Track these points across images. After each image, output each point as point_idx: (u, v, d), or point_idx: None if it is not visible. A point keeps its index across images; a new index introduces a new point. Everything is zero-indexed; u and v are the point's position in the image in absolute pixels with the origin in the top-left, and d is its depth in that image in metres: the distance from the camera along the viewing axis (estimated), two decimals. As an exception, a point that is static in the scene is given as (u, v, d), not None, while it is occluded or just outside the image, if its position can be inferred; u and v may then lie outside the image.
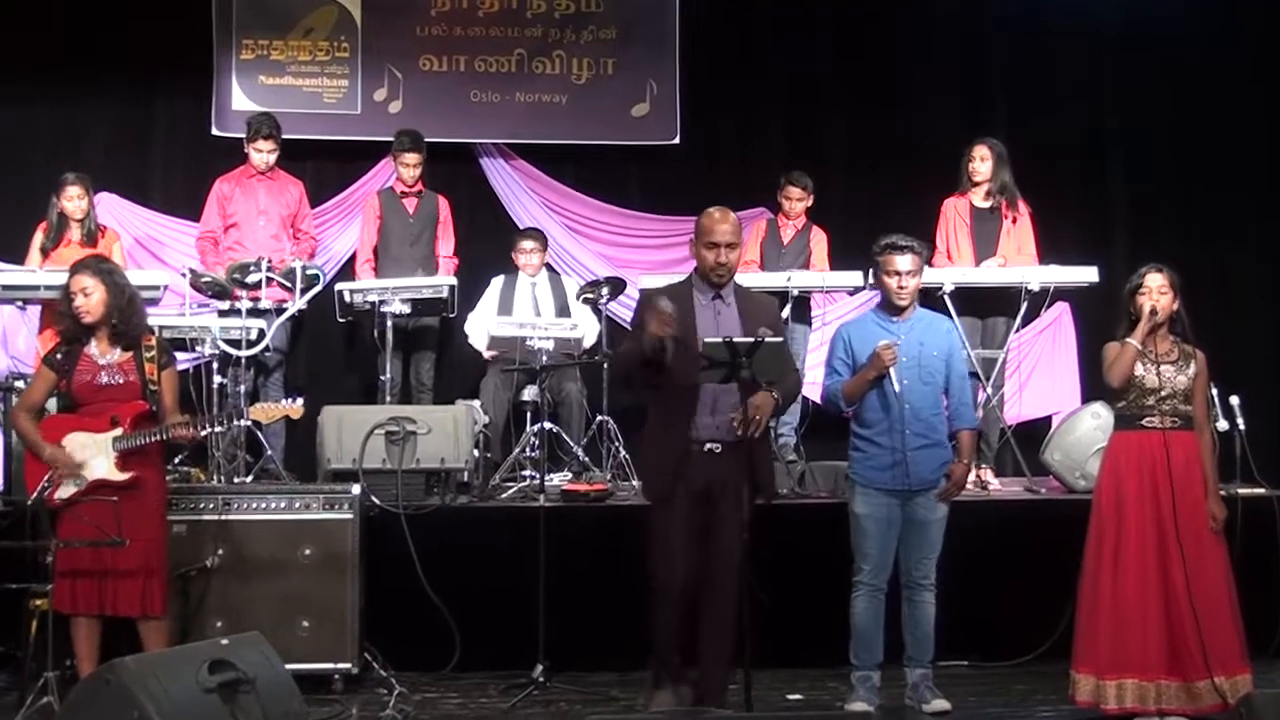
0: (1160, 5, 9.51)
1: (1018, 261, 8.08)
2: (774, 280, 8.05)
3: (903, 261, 5.93)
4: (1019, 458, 8.10)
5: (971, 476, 7.59)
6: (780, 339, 5.46)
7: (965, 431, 6.07)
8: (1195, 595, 5.67)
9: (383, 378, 7.82)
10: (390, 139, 8.63)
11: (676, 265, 8.70)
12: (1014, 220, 8.17)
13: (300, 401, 6.08)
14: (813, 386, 7.40)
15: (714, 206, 5.57)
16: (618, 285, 8.39)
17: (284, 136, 8.39)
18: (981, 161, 8.17)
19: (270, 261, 7.77)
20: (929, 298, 7.90)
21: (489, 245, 9.10)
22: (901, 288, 5.94)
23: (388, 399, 7.79)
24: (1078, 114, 9.60)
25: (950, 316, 7.63)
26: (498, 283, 8.68)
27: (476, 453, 7.37)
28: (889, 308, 6.02)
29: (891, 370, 5.83)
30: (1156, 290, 5.91)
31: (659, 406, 5.54)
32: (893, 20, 9.61)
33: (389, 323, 7.77)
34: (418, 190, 8.56)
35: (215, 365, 7.42)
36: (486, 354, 8.43)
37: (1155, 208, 9.58)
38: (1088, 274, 7.97)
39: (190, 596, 6.37)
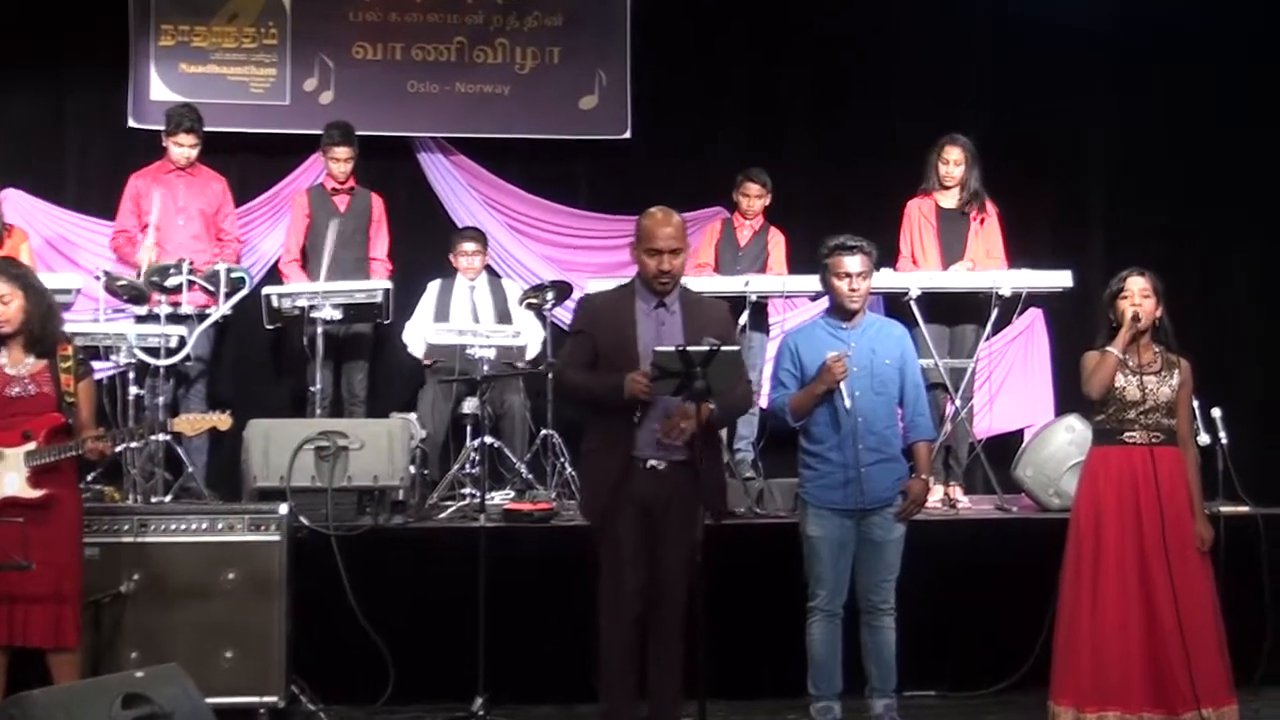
0: (1150, 3, 9.59)
1: (987, 265, 8.12)
2: (730, 285, 8.07)
3: (852, 263, 5.92)
4: (989, 474, 8.08)
5: (939, 494, 7.71)
6: (736, 348, 5.45)
7: (922, 444, 6.06)
8: (1183, 621, 5.68)
9: (313, 389, 7.78)
10: (320, 132, 8.59)
11: (626, 268, 8.48)
12: (982, 222, 8.22)
13: (228, 412, 6.02)
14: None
15: (655, 207, 5.49)
16: (563, 290, 8.36)
17: (206, 129, 8.32)
18: (955, 165, 8.21)
19: (192, 263, 7.70)
20: (894, 304, 7.95)
21: (426, 246, 9.08)
22: (853, 290, 5.93)
23: (318, 411, 7.76)
24: (1053, 110, 9.65)
25: (916, 323, 7.76)
26: (435, 287, 8.65)
27: (413, 469, 7.33)
28: (839, 313, 6.02)
29: (842, 385, 5.82)
30: (1139, 294, 5.91)
31: (601, 420, 5.49)
32: (862, 10, 9.64)
33: (319, 330, 7.72)
34: (349, 187, 8.54)
35: (132, 375, 7.34)
36: (425, 362, 8.39)
37: (1134, 208, 9.65)
38: (1061, 278, 8.00)
39: (103, 625, 6.26)
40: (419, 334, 8.44)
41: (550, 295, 8.26)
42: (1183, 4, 9.53)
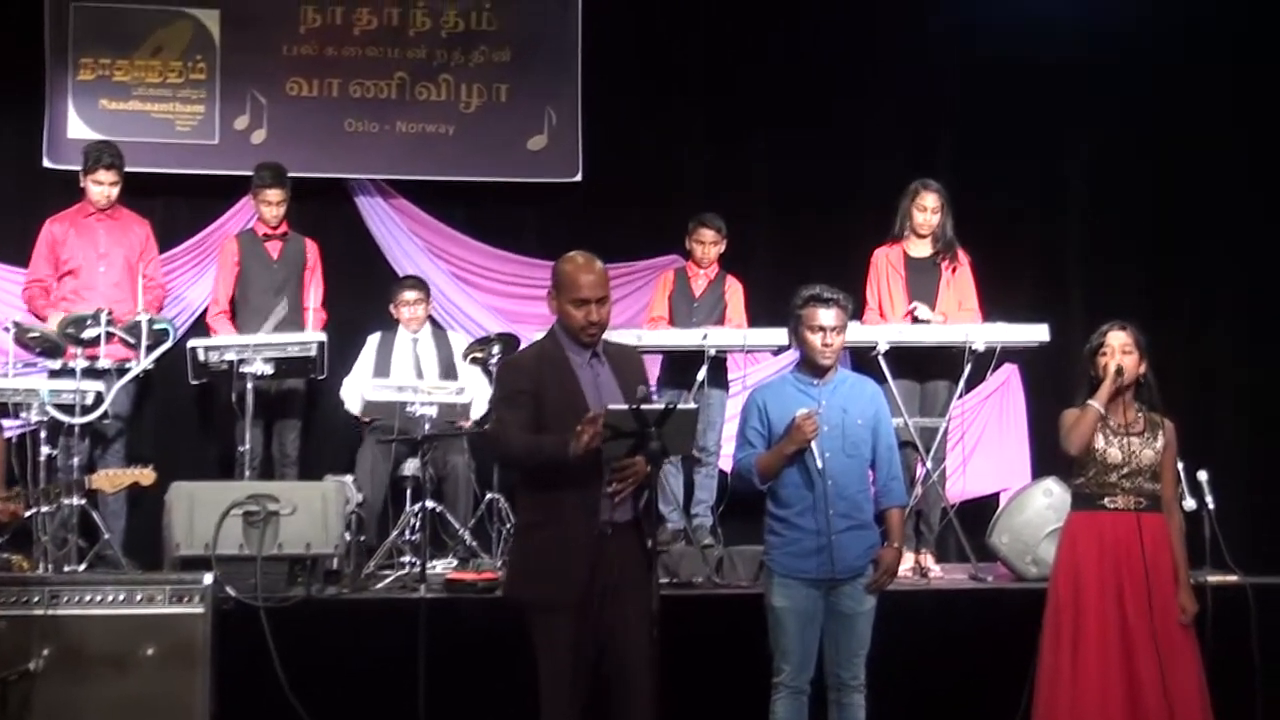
0: (1127, 37, 9.70)
1: (959, 318, 8.16)
2: (686, 338, 8.09)
3: (827, 316, 5.90)
4: (963, 541, 8.13)
5: (910, 562, 7.71)
6: (693, 406, 5.48)
7: (895, 510, 6.03)
8: (1168, 697, 5.70)
9: (241, 449, 7.77)
10: (251, 173, 8.58)
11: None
12: (954, 271, 8.27)
13: (150, 467, 5.97)
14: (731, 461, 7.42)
15: (575, 252, 5.35)
16: (510, 343, 8.32)
17: (129, 169, 8.30)
18: (932, 213, 8.24)
19: (111, 314, 7.67)
20: (862, 359, 7.98)
21: (365, 297, 9.07)
22: (826, 345, 5.90)
23: (247, 473, 7.74)
24: (1027, 154, 9.74)
25: (885, 379, 7.76)
26: (374, 340, 8.65)
27: (348, 536, 7.31)
28: (810, 368, 5.99)
29: (812, 444, 5.79)
30: (1120, 349, 5.96)
31: (544, 491, 5.30)
32: (829, 46, 9.75)
33: (249, 385, 7.69)
34: (282, 233, 8.53)
35: (44, 434, 7.33)
36: (363, 420, 8.39)
37: (1114, 257, 9.72)
38: (1038, 332, 8.04)
39: (10, 705, 6.15)
40: (357, 390, 8.44)
41: (496, 348, 8.23)
42: (1162, 42, 9.69)
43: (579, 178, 9.50)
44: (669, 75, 9.72)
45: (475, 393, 8.30)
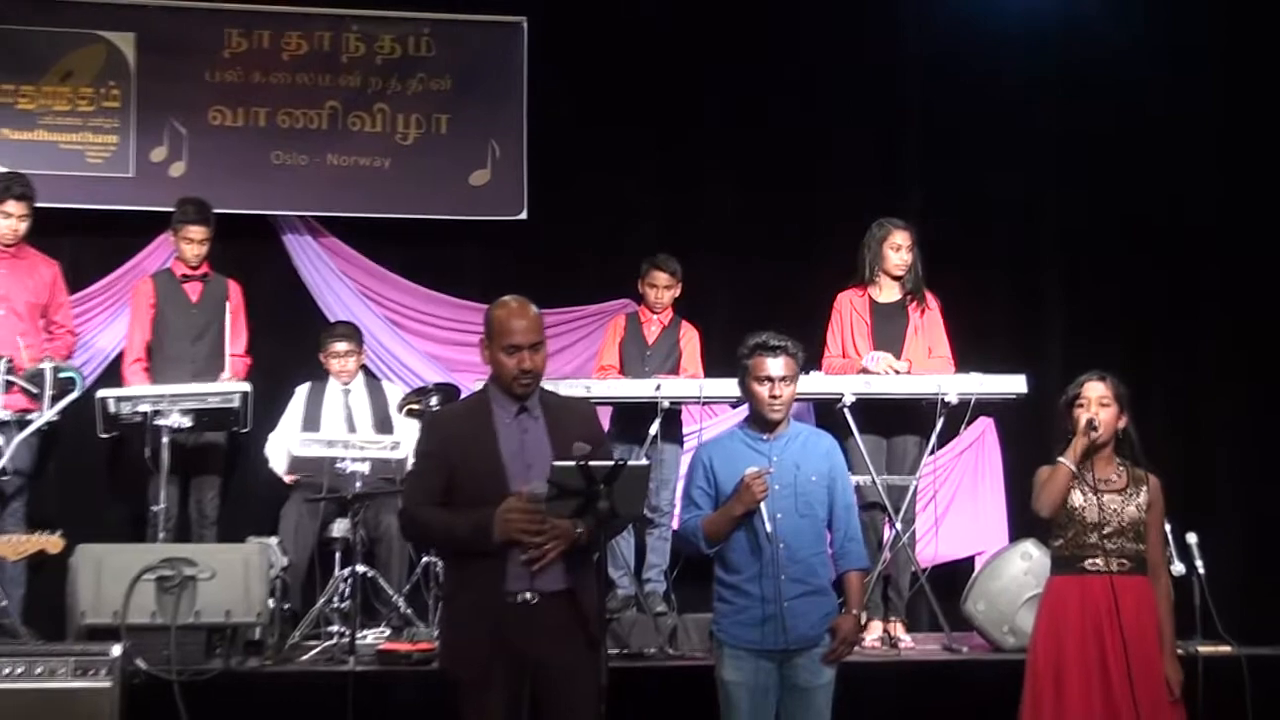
0: (1109, 63, 9.80)
1: (929, 366, 8.17)
2: (638, 388, 8.08)
3: (775, 365, 5.85)
4: (935, 609, 8.09)
5: (878, 631, 7.73)
6: (645, 463, 5.47)
7: (854, 573, 5.97)
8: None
9: (155, 508, 7.70)
10: (171, 209, 8.54)
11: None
12: (922, 314, 8.30)
13: (58, 533, 5.91)
14: None
15: (508, 296, 5.33)
16: (450, 394, 8.30)
17: (36, 204, 8.15)
18: (906, 251, 8.25)
19: (11, 361, 7.62)
20: (825, 412, 8.00)
21: (292, 344, 9.07)
22: (774, 397, 5.86)
23: (161, 535, 7.68)
24: (1000, 192, 9.81)
25: (850, 434, 7.79)
26: (303, 391, 8.64)
27: (272, 603, 7.25)
28: (758, 423, 5.94)
29: (762, 505, 5.74)
30: (1097, 401, 5.96)
31: (453, 552, 5.35)
32: (791, 82, 9.80)
33: (165, 439, 7.65)
34: (203, 273, 8.48)
35: (-65, 493, 7.27)
36: (287, 479, 8.36)
37: (1098, 305, 9.79)
38: (1015, 383, 8.05)
39: (-100, 790, 6.12)
40: (283, 445, 8.41)
41: (435, 400, 8.18)
42: (1143, 79, 9.81)
43: (524, 215, 9.53)
44: (621, 107, 9.74)
45: (411, 447, 8.09)
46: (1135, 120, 9.75)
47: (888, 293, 8.32)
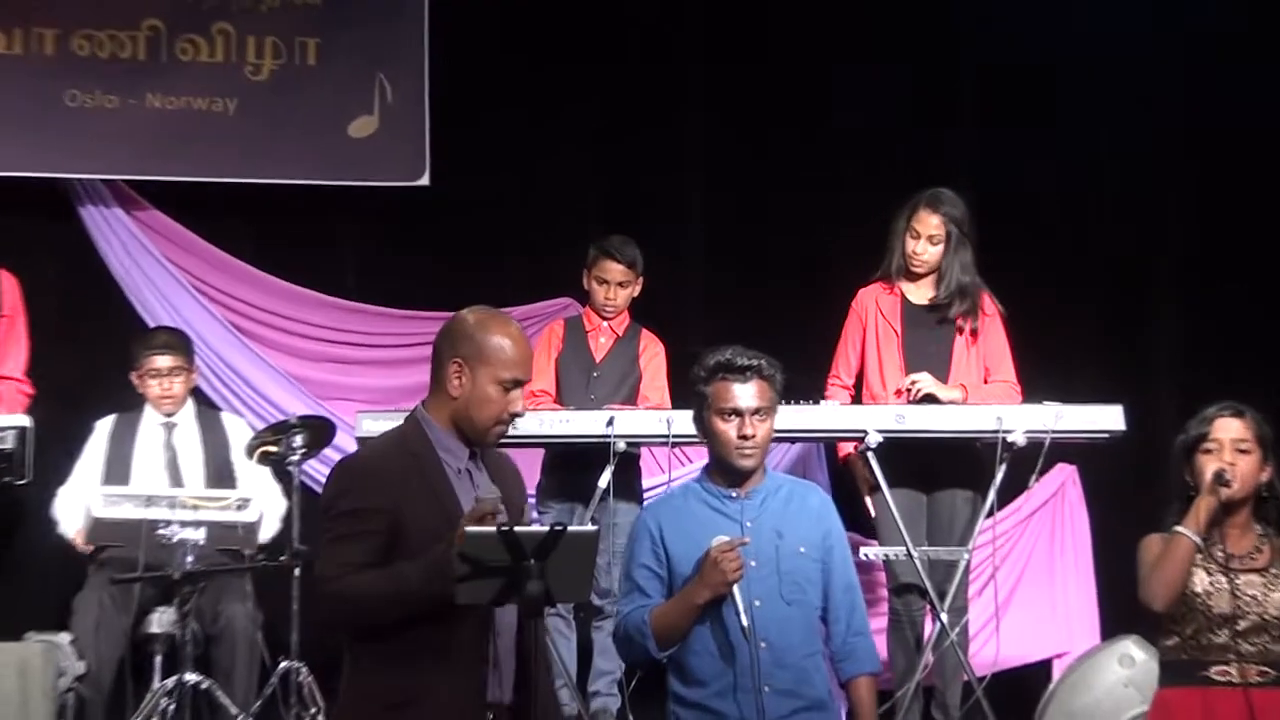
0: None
1: (986, 395, 8.15)
2: (583, 424, 8.05)
3: (745, 393, 5.82)
4: None
5: None
6: (592, 528, 5.37)
7: (863, 680, 5.96)
8: None
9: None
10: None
11: (419, 394, 8.62)
12: (975, 327, 8.28)
13: None
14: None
15: (507, 318, 5.26)
16: (320, 431, 8.33)
17: None
18: (931, 242, 8.17)
19: None
20: (839, 457, 8.07)
21: (92, 359, 9.10)
22: (744, 438, 5.82)
23: (-94, 627, 7.61)
24: (1083, 158, 9.99)
25: (878, 487, 7.83)
26: (105, 426, 8.56)
27: (63, 724, 7.11)
28: (723, 473, 5.91)
29: (735, 589, 5.68)
30: (1231, 446, 5.82)
31: (400, 650, 5.20)
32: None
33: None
34: (-36, 264, 8.49)
35: None
36: (85, 549, 8.24)
37: (1225, 314, 9.83)
38: (1108, 417, 8.02)
39: None
40: (79, 503, 8.30)
41: (299, 439, 8.18)
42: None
43: (425, 180, 9.58)
44: (562, 33, 9.82)
45: (265, 507, 8.27)
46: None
47: (922, 292, 8.30)
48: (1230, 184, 9.93)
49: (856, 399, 8.16)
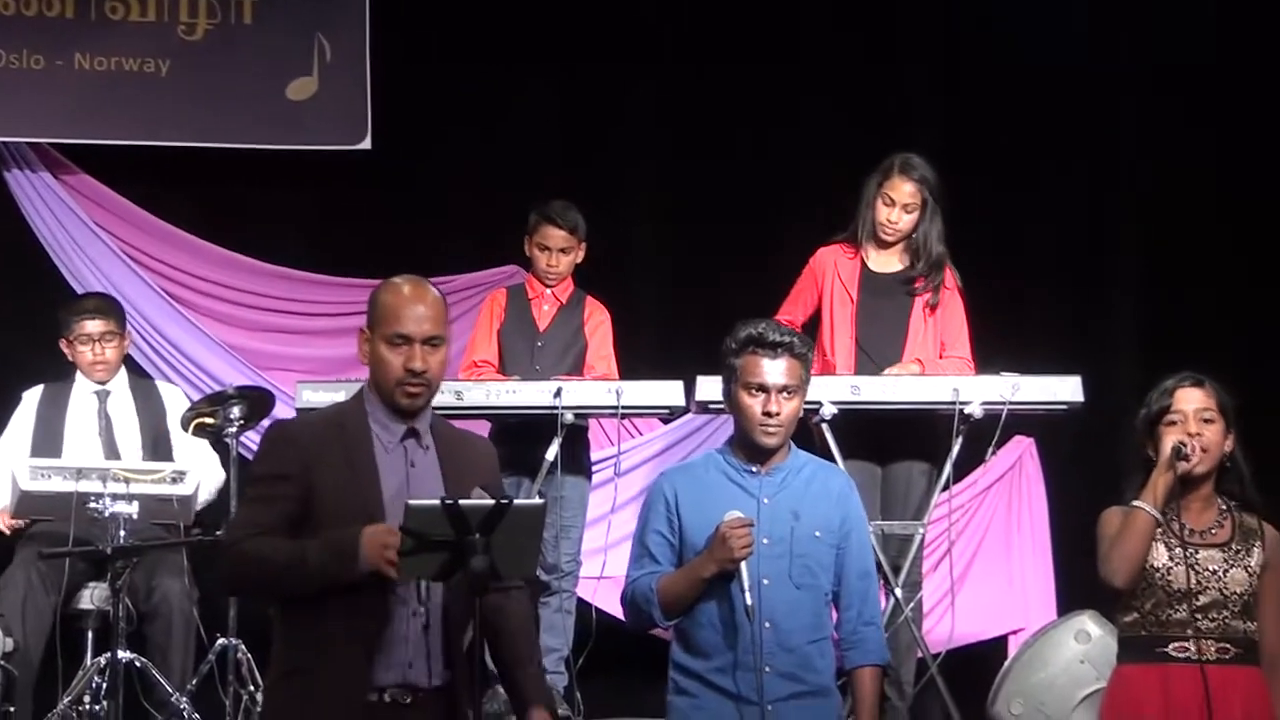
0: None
1: (941, 368, 8.18)
2: (529, 396, 8.06)
3: (774, 370, 5.81)
4: (951, 711, 7.93)
5: None
6: (538, 501, 5.36)
7: (868, 670, 5.95)
8: None
9: None
10: None
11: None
12: (933, 300, 8.28)
13: None
14: (609, 585, 7.63)
15: (403, 276, 5.30)
16: (259, 402, 8.30)
17: None
18: (905, 210, 8.13)
19: None
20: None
21: (17, 328, 9.18)
22: (769, 415, 5.80)
23: None
24: (1050, 127, 9.95)
25: (833, 458, 7.66)
26: (33, 397, 8.53)
27: (-10, 704, 7.15)
28: (746, 448, 5.90)
29: (743, 566, 5.65)
30: (1194, 417, 5.79)
31: (302, 613, 5.21)
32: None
33: None
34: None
35: None
36: (9, 523, 8.19)
37: (1190, 277, 9.86)
38: (1066, 388, 8.05)
39: None
40: (5, 475, 8.17)
41: (236, 411, 8.12)
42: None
43: (366, 144, 9.55)
44: None
45: (201, 478, 8.18)
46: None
47: (887, 260, 8.27)
48: (1191, 151, 9.90)
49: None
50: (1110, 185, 10.10)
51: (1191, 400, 5.80)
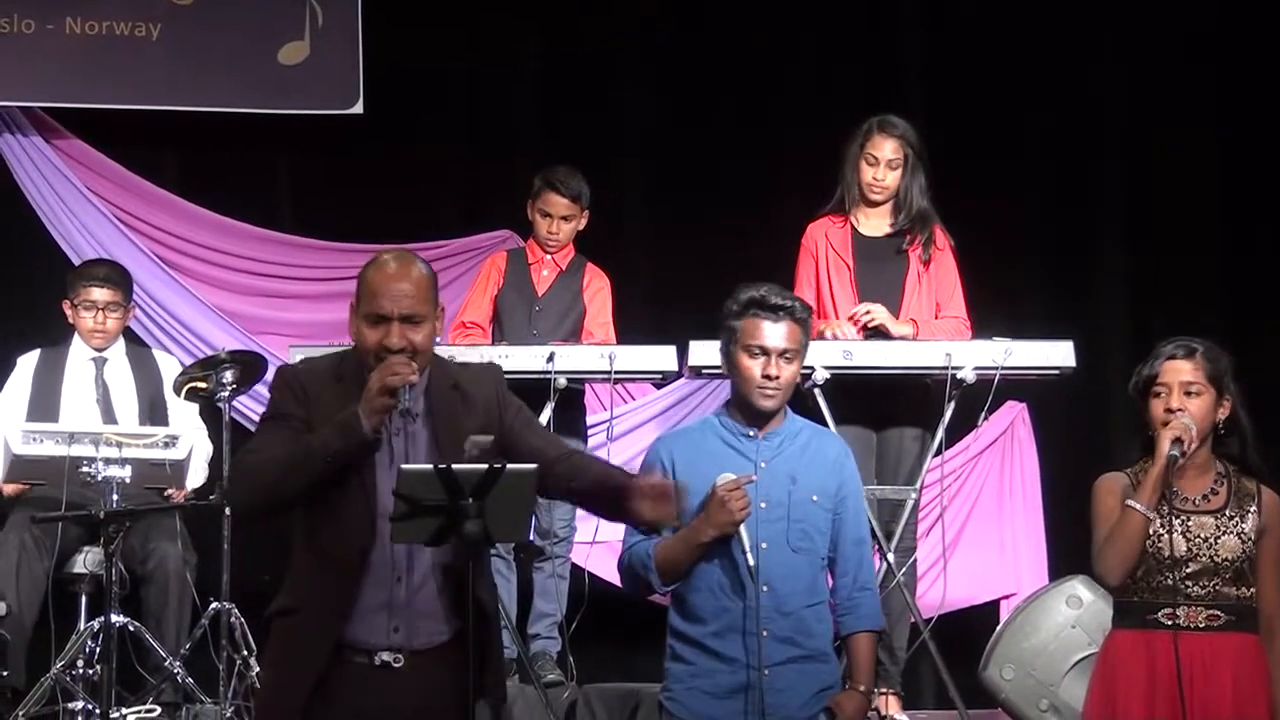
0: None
1: (936, 330, 8.15)
2: (524, 359, 8.00)
3: (774, 333, 5.87)
4: (943, 676, 7.96)
5: (897, 713, 7.88)
6: (533, 466, 5.20)
7: (863, 636, 6.03)
8: None
9: None
10: None
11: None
12: (927, 259, 8.25)
13: None
14: (603, 550, 7.66)
15: (391, 252, 5.34)
16: (252, 366, 8.25)
17: None
18: (889, 167, 8.14)
19: None
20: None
21: (15, 292, 9.24)
22: (768, 378, 5.86)
23: None
24: (1041, 90, 9.96)
25: (826, 423, 7.68)
26: (29, 362, 8.54)
27: (-17, 669, 7.21)
28: (744, 411, 5.96)
29: (742, 528, 5.69)
30: (1179, 389, 5.76)
31: (295, 570, 5.31)
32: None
33: None
34: None
35: None
36: (5, 490, 8.19)
37: (1182, 242, 9.87)
38: (1059, 353, 8.02)
39: None
40: None
41: (229, 375, 8.09)
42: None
43: (359, 109, 9.53)
44: None
45: (194, 443, 8.22)
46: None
47: (877, 223, 8.27)
48: (1180, 116, 9.91)
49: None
50: (1101, 151, 10.05)
51: (1179, 372, 5.76)
